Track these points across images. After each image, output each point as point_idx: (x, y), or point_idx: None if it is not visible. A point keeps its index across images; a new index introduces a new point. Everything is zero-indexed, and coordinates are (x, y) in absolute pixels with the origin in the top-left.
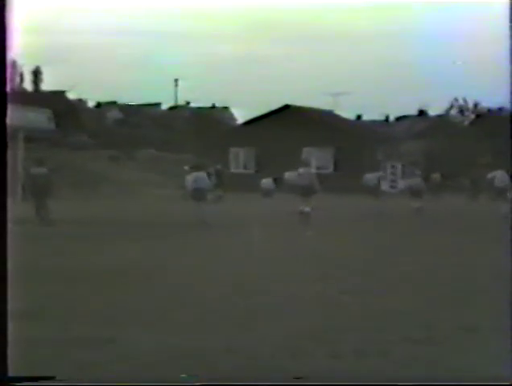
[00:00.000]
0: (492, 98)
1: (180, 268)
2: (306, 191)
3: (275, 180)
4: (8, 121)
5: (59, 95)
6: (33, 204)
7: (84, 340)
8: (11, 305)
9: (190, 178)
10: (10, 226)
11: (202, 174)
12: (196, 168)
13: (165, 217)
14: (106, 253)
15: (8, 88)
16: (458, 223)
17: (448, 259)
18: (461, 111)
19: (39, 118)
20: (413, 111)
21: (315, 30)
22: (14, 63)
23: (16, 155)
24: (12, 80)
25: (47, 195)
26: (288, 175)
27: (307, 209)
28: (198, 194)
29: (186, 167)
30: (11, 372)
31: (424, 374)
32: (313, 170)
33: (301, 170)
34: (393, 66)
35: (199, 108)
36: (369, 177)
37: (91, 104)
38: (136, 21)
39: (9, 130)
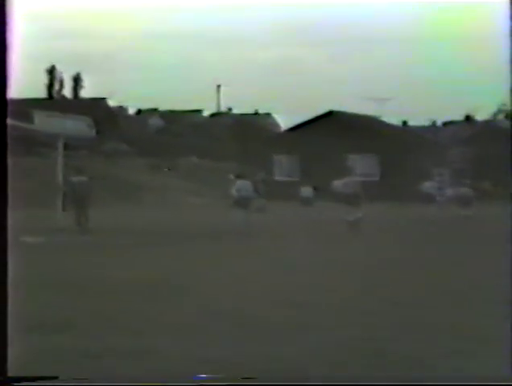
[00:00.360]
0: None
1: (231, 279)
2: (351, 200)
3: (315, 188)
4: (48, 128)
5: (99, 102)
6: (73, 213)
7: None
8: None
9: (235, 187)
10: (51, 236)
11: (247, 183)
12: (241, 176)
13: (208, 226)
14: (150, 264)
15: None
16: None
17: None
18: (508, 116)
19: (78, 126)
20: (460, 116)
21: (358, 31)
22: (53, 70)
23: (56, 163)
24: (51, 86)
25: (87, 204)
26: (336, 184)
27: (354, 218)
28: (243, 202)
29: (231, 176)
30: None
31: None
32: (358, 178)
33: (346, 178)
34: (439, 69)
35: (241, 114)
36: (427, 185)
37: (132, 111)
38: (175, 25)
39: (48, 138)
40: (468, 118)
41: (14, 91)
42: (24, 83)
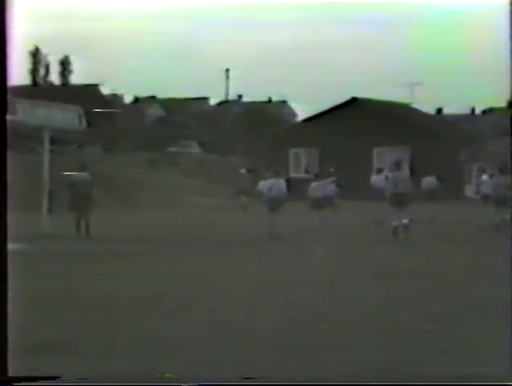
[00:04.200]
0: None
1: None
2: (400, 200)
3: (338, 185)
4: (32, 119)
5: (91, 89)
6: (73, 215)
7: None
8: None
9: (266, 185)
10: (34, 243)
11: (281, 182)
12: (276, 173)
13: (220, 232)
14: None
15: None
16: None
17: None
18: None
19: (67, 116)
20: (502, 103)
21: (387, 11)
22: (37, 53)
23: (41, 159)
24: (35, 71)
25: (89, 205)
26: (374, 180)
27: (399, 223)
28: (274, 203)
29: (243, 170)
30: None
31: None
32: (406, 174)
33: (390, 174)
34: (478, 51)
35: (253, 102)
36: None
37: (127, 99)
38: (178, 5)
39: (33, 130)
40: (511, 105)
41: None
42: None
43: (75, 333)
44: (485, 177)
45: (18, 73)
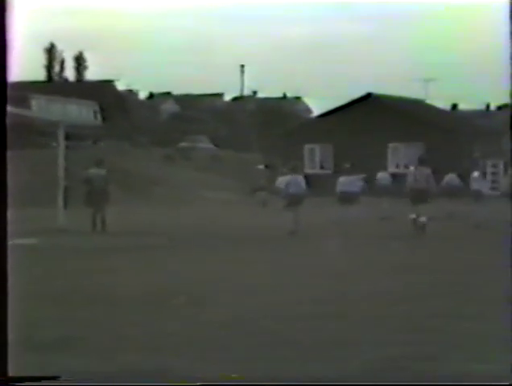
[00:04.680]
0: None
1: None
2: (420, 197)
3: (367, 181)
4: (47, 115)
5: (106, 85)
6: (89, 211)
7: None
8: None
9: (285, 181)
10: (50, 237)
11: (299, 178)
12: (294, 170)
13: (237, 228)
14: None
15: (26, 78)
16: None
17: None
18: None
19: (82, 112)
20: None
21: (402, 7)
22: (52, 49)
23: (56, 154)
24: (50, 67)
25: (105, 202)
26: (380, 176)
27: (422, 219)
28: (293, 199)
29: (260, 166)
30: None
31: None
32: (427, 170)
33: (412, 168)
34: (493, 46)
35: (267, 98)
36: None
37: (142, 95)
38: (194, 1)
39: (48, 126)
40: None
41: (9, 73)
42: (20, 64)
43: (94, 328)
44: (476, 174)
45: (34, 69)
